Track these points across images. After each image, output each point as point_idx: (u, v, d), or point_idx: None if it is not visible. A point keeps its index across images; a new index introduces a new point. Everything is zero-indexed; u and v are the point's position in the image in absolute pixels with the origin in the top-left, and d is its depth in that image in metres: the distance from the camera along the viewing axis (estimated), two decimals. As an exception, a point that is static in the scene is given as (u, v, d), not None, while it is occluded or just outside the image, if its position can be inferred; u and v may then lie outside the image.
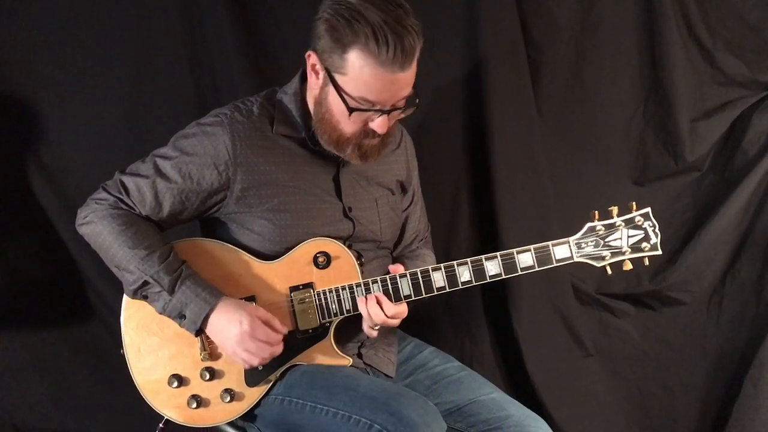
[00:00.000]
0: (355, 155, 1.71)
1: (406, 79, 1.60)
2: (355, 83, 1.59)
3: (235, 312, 1.68)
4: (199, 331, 1.70)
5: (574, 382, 2.64)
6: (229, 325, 1.67)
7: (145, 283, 1.68)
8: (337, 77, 1.61)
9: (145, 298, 1.71)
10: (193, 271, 1.71)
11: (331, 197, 1.81)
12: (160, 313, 1.70)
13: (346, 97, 1.61)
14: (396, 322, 1.76)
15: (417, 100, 1.68)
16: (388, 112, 1.64)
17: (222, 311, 1.68)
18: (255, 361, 1.68)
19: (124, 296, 1.76)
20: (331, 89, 1.63)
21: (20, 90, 2.35)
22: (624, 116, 2.57)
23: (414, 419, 1.54)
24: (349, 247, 1.81)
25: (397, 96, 1.63)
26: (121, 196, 1.73)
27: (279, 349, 1.70)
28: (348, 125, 1.66)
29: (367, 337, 1.85)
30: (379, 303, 1.72)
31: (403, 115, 1.73)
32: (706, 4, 2.43)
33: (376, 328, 1.76)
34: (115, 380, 2.41)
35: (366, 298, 1.73)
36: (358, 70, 1.56)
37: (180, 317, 1.69)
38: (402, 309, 1.76)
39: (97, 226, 1.71)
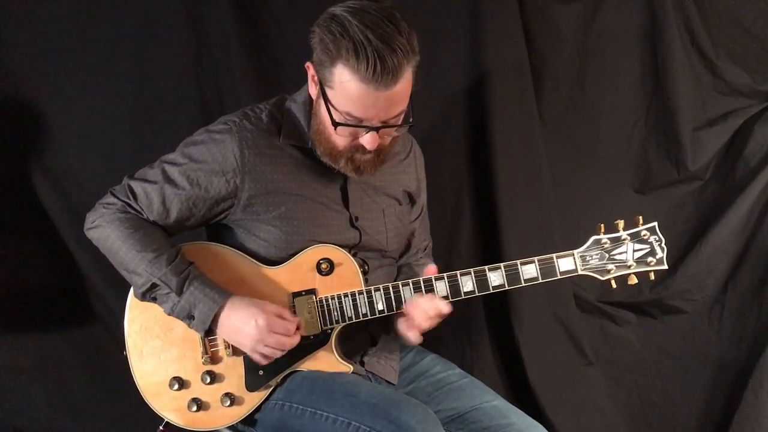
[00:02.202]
0: (349, 168, 1.70)
1: (392, 97, 1.57)
2: (340, 98, 1.58)
3: (248, 310, 1.68)
4: (209, 332, 1.71)
5: (575, 390, 2.64)
6: (243, 324, 1.67)
7: (154, 286, 1.69)
8: (327, 90, 1.61)
9: (154, 300, 1.72)
10: (201, 272, 1.72)
11: (338, 206, 1.82)
12: (169, 315, 1.71)
13: (332, 110, 1.61)
14: (438, 321, 1.77)
15: (411, 119, 1.67)
16: (377, 129, 1.62)
17: (232, 310, 1.68)
18: (277, 354, 1.70)
19: (128, 299, 1.77)
20: (323, 101, 1.63)
21: (24, 93, 2.36)
22: (626, 125, 2.57)
23: (413, 427, 1.54)
24: (354, 255, 1.81)
25: (385, 114, 1.60)
26: (128, 201, 1.74)
27: (296, 339, 1.71)
28: (338, 138, 1.66)
29: (370, 346, 1.86)
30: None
31: (396, 134, 1.71)
32: (709, 14, 2.43)
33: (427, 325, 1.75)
34: (116, 383, 2.42)
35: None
36: (343, 84, 1.56)
37: (189, 318, 1.70)
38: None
39: (105, 230, 1.72)
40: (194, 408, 1.74)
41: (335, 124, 1.61)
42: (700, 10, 2.43)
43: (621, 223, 1.74)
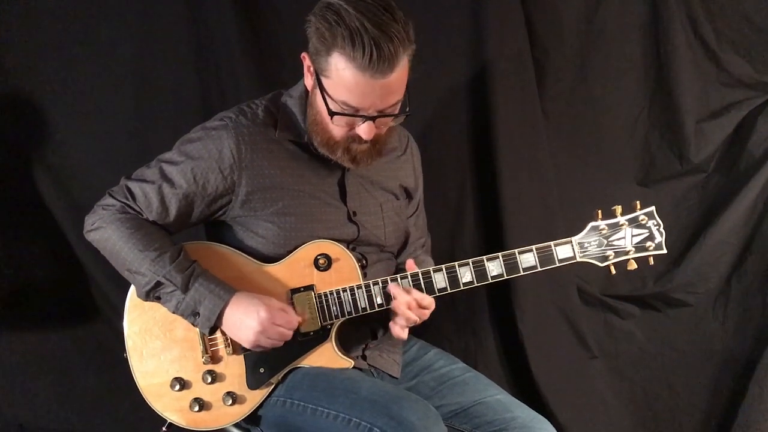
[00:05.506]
0: (346, 159, 1.70)
1: (389, 85, 1.57)
2: (336, 87, 1.58)
3: (250, 304, 1.68)
4: (213, 329, 1.71)
5: (579, 384, 2.64)
6: (246, 317, 1.67)
7: (158, 284, 1.68)
8: (323, 80, 1.61)
9: (158, 299, 1.71)
10: (204, 269, 1.72)
11: (335, 201, 1.81)
12: (174, 313, 1.70)
13: (328, 99, 1.60)
14: (426, 313, 1.76)
15: (407, 108, 1.66)
16: (373, 119, 1.62)
17: (236, 306, 1.68)
18: (279, 344, 1.70)
19: (127, 300, 1.77)
20: (319, 91, 1.63)
21: (26, 90, 2.36)
22: (629, 117, 2.56)
23: (414, 423, 1.54)
24: (353, 250, 1.81)
25: (382, 103, 1.60)
26: (127, 202, 1.73)
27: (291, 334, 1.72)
28: (334, 128, 1.66)
29: (371, 339, 1.86)
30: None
31: (392, 123, 1.71)
32: (712, 5, 2.42)
33: (409, 325, 1.75)
34: (120, 381, 2.41)
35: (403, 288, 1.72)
36: (340, 72, 1.55)
37: (194, 315, 1.69)
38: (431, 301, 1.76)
39: (105, 231, 1.72)
40: (196, 408, 1.74)
41: (331, 114, 1.61)
42: (704, 1, 2.42)
43: (619, 209, 1.74)
